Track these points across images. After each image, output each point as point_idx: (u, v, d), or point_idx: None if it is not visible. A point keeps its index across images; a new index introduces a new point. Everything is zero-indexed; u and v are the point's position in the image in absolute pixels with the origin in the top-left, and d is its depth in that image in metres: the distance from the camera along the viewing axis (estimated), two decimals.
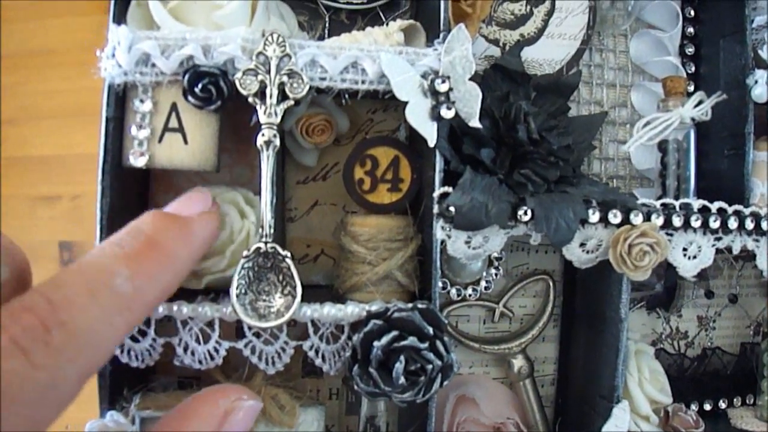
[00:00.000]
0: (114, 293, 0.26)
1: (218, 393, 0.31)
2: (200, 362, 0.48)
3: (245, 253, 0.46)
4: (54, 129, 0.87)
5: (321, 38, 0.55)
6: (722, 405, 0.63)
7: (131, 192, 0.52)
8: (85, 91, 0.42)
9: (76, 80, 0.83)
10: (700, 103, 0.57)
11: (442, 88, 0.48)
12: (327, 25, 0.57)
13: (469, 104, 0.50)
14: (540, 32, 0.59)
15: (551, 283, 0.61)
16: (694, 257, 0.54)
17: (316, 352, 0.49)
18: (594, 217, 0.50)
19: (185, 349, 0.48)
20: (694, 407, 0.62)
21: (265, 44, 0.47)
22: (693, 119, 0.57)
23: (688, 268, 0.54)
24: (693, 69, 0.63)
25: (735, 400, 0.64)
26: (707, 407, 0.62)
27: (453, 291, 0.57)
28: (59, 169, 0.87)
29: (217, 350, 0.48)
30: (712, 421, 0.62)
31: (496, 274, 0.58)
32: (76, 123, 0.85)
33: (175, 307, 0.46)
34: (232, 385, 0.32)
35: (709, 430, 0.58)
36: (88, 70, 0.47)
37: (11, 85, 0.88)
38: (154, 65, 0.46)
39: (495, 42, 0.59)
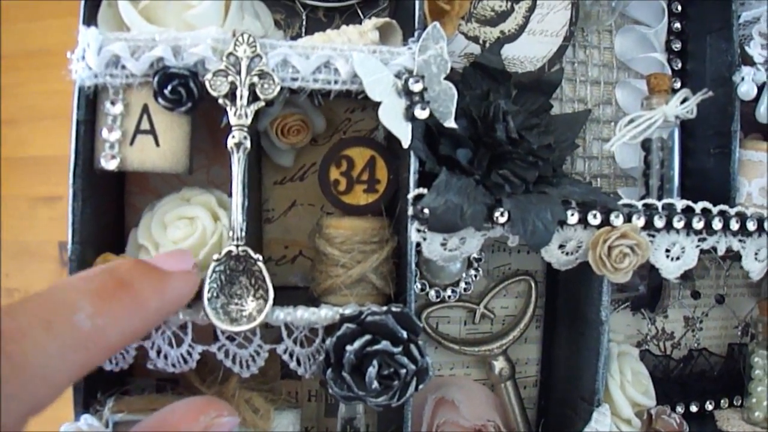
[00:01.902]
0: (73, 329, 0.25)
1: (198, 408, 0.31)
2: (173, 366, 0.48)
3: (216, 256, 0.45)
4: (54, 129, 0.88)
5: (298, 37, 0.54)
6: (709, 407, 0.62)
7: (106, 195, 0.52)
8: None
9: None
10: (685, 100, 0.55)
11: (416, 87, 0.47)
12: (304, 23, 0.56)
13: (445, 104, 0.49)
14: (521, 29, 0.58)
15: (533, 284, 0.60)
16: (677, 258, 0.53)
17: (291, 355, 0.49)
18: (573, 218, 0.49)
19: (158, 353, 0.48)
20: (680, 409, 0.61)
21: (235, 45, 0.46)
22: (677, 117, 0.55)
23: (670, 270, 0.53)
24: (679, 65, 0.62)
25: (722, 401, 0.63)
26: (693, 409, 0.62)
27: (432, 292, 0.57)
28: (59, 169, 0.85)
29: (190, 354, 0.48)
30: (699, 423, 0.61)
31: (475, 275, 0.57)
32: None
33: None
34: (212, 398, 0.32)
35: None
36: None
37: (11, 85, 0.89)
38: (124, 67, 0.46)
39: (475, 39, 0.58)
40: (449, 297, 0.57)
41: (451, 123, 0.49)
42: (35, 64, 0.89)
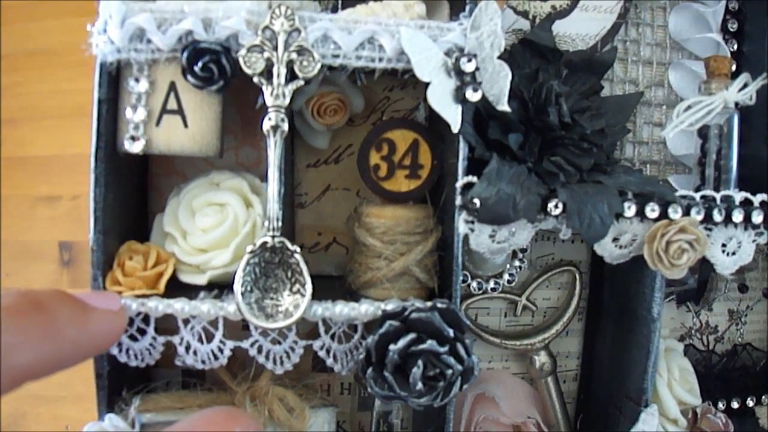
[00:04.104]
0: None
1: (221, 424, 0.28)
2: (203, 362, 0.45)
3: (250, 247, 0.42)
4: (54, 129, 0.87)
5: (334, 11, 0.50)
6: (750, 403, 0.60)
7: (128, 179, 0.48)
8: (85, 91, 0.41)
9: (76, 80, 0.82)
10: (745, 86, 0.52)
11: (468, 67, 0.44)
12: None
13: (498, 85, 0.45)
14: (573, 4, 0.54)
15: (577, 275, 0.57)
16: (733, 254, 0.50)
17: (327, 351, 0.46)
18: (630, 211, 0.46)
19: (187, 349, 0.45)
20: (721, 405, 0.59)
21: (271, 17, 0.42)
22: (737, 103, 0.52)
23: (726, 265, 0.50)
24: (735, 47, 0.58)
25: (763, 398, 0.61)
26: (735, 405, 0.60)
27: (474, 284, 0.54)
28: (59, 169, 0.86)
29: (221, 350, 0.45)
30: (740, 420, 0.59)
31: (520, 267, 0.54)
32: (76, 123, 0.84)
33: (175, 305, 0.43)
34: (234, 411, 0.30)
35: (736, 429, 0.55)
36: (88, 70, 0.43)
37: (11, 85, 0.88)
38: (149, 41, 0.42)
39: (524, 14, 0.53)
40: (492, 289, 0.54)
41: (504, 106, 0.45)
42: (35, 64, 0.87)
